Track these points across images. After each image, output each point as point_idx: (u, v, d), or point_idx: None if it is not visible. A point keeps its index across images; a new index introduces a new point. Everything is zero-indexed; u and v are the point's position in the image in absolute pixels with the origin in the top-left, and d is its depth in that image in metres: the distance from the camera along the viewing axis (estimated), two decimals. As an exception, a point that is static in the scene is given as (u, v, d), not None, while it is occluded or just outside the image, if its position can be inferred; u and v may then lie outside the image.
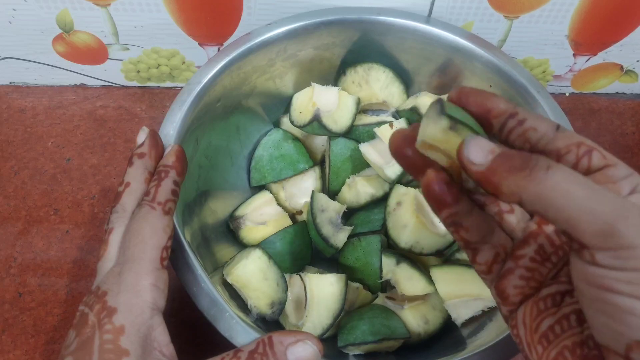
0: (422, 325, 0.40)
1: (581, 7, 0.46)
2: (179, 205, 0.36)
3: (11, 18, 0.46)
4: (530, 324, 0.25)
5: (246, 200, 0.46)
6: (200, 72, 0.40)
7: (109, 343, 0.25)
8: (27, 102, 0.54)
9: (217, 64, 0.40)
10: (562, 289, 0.25)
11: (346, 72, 0.47)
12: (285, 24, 0.42)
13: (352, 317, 0.40)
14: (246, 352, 0.27)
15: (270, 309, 0.38)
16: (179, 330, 0.42)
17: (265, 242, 0.43)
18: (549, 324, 0.24)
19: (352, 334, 0.38)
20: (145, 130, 0.33)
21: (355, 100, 0.44)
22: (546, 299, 0.25)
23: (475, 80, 0.44)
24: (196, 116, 0.39)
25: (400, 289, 0.41)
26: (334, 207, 0.43)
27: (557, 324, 0.24)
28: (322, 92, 0.44)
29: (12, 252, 0.46)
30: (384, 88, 0.47)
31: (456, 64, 0.44)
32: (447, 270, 0.40)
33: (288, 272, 0.41)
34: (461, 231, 0.26)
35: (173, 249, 0.34)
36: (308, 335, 0.27)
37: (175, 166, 0.31)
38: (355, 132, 0.45)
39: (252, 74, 0.43)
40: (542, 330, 0.25)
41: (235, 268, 0.38)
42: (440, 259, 0.43)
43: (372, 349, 0.39)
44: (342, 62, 0.47)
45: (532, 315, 0.25)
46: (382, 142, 0.43)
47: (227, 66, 0.40)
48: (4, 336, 0.42)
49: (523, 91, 0.41)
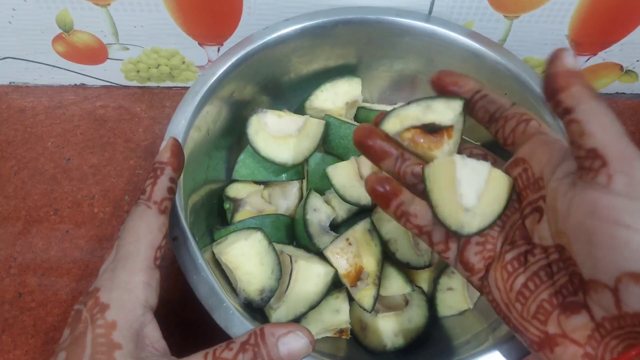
0: (391, 338, 0.40)
1: (581, 7, 0.46)
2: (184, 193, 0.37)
3: (11, 18, 0.46)
4: (504, 286, 0.28)
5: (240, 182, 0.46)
6: (215, 64, 0.40)
7: (102, 337, 0.26)
8: (27, 102, 0.54)
9: (233, 56, 0.41)
10: (523, 250, 0.28)
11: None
12: (303, 20, 0.43)
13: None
14: (238, 343, 0.27)
15: (259, 295, 0.37)
16: (179, 329, 0.42)
17: (256, 219, 0.43)
18: (522, 282, 0.27)
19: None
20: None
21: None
22: (512, 262, 0.28)
23: (488, 85, 0.44)
24: (208, 107, 0.40)
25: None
26: (326, 210, 0.43)
27: (530, 281, 0.27)
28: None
29: (12, 252, 0.46)
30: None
31: (469, 66, 0.45)
32: None
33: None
34: (411, 218, 0.31)
35: (175, 237, 0.34)
36: (300, 327, 0.28)
37: (171, 162, 0.31)
38: (360, 113, 0.48)
39: (266, 68, 0.44)
40: (517, 289, 0.28)
41: (231, 247, 0.37)
42: (407, 277, 0.42)
43: None
44: (357, 62, 0.48)
45: (504, 278, 0.28)
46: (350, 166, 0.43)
47: (242, 60, 0.41)
48: (4, 336, 0.42)
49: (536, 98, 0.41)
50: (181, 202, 0.36)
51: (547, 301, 0.26)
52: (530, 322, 0.27)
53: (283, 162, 0.43)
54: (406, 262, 0.41)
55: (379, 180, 0.31)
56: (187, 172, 0.38)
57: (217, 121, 0.43)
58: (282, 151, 0.43)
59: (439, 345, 0.40)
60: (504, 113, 0.30)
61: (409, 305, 0.41)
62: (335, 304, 0.40)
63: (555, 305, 0.26)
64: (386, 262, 0.41)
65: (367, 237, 0.40)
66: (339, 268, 0.39)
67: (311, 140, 0.44)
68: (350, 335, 0.40)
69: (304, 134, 0.43)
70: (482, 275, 0.30)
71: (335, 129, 0.45)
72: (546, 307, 0.26)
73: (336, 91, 0.47)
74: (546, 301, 0.26)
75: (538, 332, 0.26)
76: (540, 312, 0.26)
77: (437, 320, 0.42)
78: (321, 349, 0.39)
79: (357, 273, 0.39)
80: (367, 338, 0.40)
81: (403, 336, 0.40)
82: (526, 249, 0.28)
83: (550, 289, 0.27)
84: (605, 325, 0.24)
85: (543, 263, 0.27)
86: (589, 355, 0.24)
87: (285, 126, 0.44)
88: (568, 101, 0.24)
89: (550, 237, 0.27)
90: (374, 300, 0.39)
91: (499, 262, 0.29)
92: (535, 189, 0.28)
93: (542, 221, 0.27)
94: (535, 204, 0.28)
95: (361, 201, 0.42)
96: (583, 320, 0.25)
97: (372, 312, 0.39)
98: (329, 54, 0.46)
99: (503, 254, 0.29)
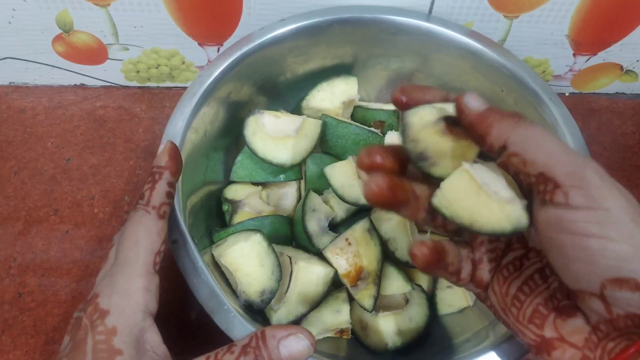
0: (392, 337, 0.40)
1: (581, 6, 0.46)
2: (182, 195, 0.37)
3: (11, 18, 0.46)
4: (500, 291, 0.28)
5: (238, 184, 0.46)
6: (212, 65, 0.40)
7: (102, 343, 0.26)
8: (26, 102, 0.54)
9: (229, 57, 0.41)
10: (519, 254, 0.28)
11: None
12: (299, 20, 0.43)
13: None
14: (239, 346, 0.27)
15: (259, 297, 0.37)
16: (179, 330, 0.42)
17: (255, 220, 0.42)
18: (517, 286, 0.27)
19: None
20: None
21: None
22: (508, 266, 0.28)
23: (486, 84, 0.44)
24: (205, 108, 0.40)
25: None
26: (325, 210, 0.43)
27: (525, 285, 0.27)
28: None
29: (12, 253, 0.46)
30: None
31: (467, 65, 0.45)
32: None
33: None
34: (449, 267, 0.29)
35: (175, 239, 0.34)
36: (301, 329, 0.28)
37: (169, 166, 0.31)
38: (357, 112, 0.48)
39: (263, 68, 0.44)
40: (512, 293, 0.27)
41: (231, 249, 0.37)
42: (407, 276, 0.42)
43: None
44: (354, 61, 0.48)
45: (500, 283, 0.28)
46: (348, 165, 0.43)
47: (239, 60, 0.41)
48: (4, 336, 0.42)
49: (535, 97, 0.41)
50: (180, 204, 0.36)
51: (542, 305, 0.26)
52: (526, 327, 0.27)
53: (281, 163, 0.43)
54: (406, 261, 0.41)
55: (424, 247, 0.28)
56: (186, 174, 0.38)
57: (214, 122, 0.43)
58: (280, 152, 0.43)
59: (440, 344, 0.40)
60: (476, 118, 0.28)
61: (409, 304, 0.41)
62: (336, 304, 0.40)
63: (550, 309, 0.26)
64: (386, 262, 0.41)
65: (366, 236, 0.40)
66: (338, 268, 0.39)
67: (309, 141, 0.44)
68: (351, 335, 0.40)
69: (301, 135, 0.43)
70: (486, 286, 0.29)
71: (332, 128, 0.45)
72: (542, 311, 0.26)
73: (333, 90, 0.47)
74: (542, 305, 0.26)
75: (534, 336, 0.26)
76: (536, 316, 0.26)
77: (438, 318, 0.42)
78: (322, 349, 0.39)
79: (357, 273, 0.39)
80: (368, 338, 0.40)
81: (404, 335, 0.40)
82: (521, 252, 0.28)
83: (545, 292, 0.27)
84: (601, 327, 0.24)
85: (537, 266, 0.27)
86: (587, 358, 0.24)
87: (282, 127, 0.44)
88: (496, 141, 0.24)
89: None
90: (374, 300, 0.39)
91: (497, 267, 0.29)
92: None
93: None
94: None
95: (360, 201, 0.42)
96: (579, 323, 0.25)
97: (372, 312, 0.39)
98: (325, 54, 0.46)
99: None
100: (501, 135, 0.24)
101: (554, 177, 0.23)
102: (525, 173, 0.24)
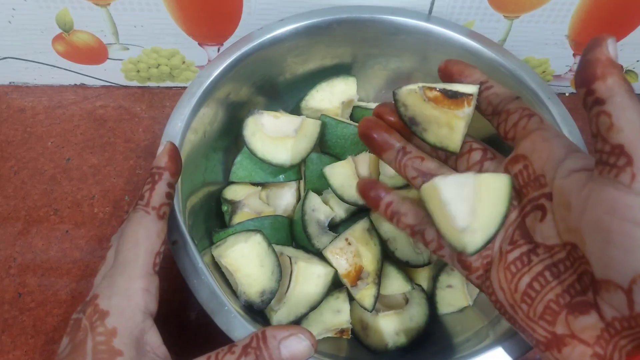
0: (392, 337, 0.40)
1: (581, 7, 0.46)
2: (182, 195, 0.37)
3: (11, 18, 0.46)
4: (508, 287, 0.28)
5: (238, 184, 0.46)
6: (211, 65, 0.40)
7: (102, 344, 0.26)
8: (26, 102, 0.54)
9: (228, 57, 0.41)
10: (526, 250, 0.28)
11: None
12: (298, 20, 0.43)
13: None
14: (240, 347, 0.27)
15: (259, 298, 0.37)
16: (180, 331, 0.42)
17: (255, 221, 0.42)
18: (527, 282, 0.27)
19: None
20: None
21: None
22: (515, 262, 0.28)
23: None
24: (204, 108, 0.40)
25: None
26: (325, 210, 0.43)
27: (535, 281, 0.27)
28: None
29: (12, 252, 0.46)
30: None
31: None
32: None
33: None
34: (402, 218, 0.32)
35: (175, 240, 0.34)
36: (301, 329, 0.27)
37: (169, 167, 0.31)
38: (356, 112, 0.48)
39: (262, 68, 0.44)
40: (522, 289, 0.27)
41: (231, 250, 0.37)
42: (406, 276, 0.42)
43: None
44: (353, 60, 0.48)
45: (507, 279, 0.28)
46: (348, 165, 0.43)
47: (238, 60, 0.41)
48: (4, 336, 0.42)
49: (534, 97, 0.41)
50: (180, 205, 0.36)
51: (554, 301, 0.26)
52: (537, 323, 0.26)
53: (281, 163, 0.43)
54: (405, 261, 0.41)
55: (367, 182, 0.34)
56: (185, 175, 0.38)
57: (213, 123, 0.43)
58: (279, 152, 0.43)
59: (440, 343, 0.40)
60: (507, 106, 0.30)
61: (409, 304, 0.41)
62: (336, 304, 0.40)
63: (562, 305, 0.26)
64: (385, 261, 0.41)
65: (366, 236, 0.40)
66: (338, 268, 0.39)
67: (308, 141, 0.44)
68: (351, 335, 0.40)
69: (301, 135, 0.43)
70: (481, 274, 0.30)
71: (331, 128, 0.45)
72: (553, 307, 0.26)
73: (332, 90, 0.47)
74: (553, 301, 0.26)
75: (545, 333, 0.26)
76: (547, 313, 0.26)
77: (438, 318, 0.43)
78: (323, 349, 0.39)
79: (357, 273, 0.39)
80: (368, 337, 0.40)
81: (404, 335, 0.40)
82: (529, 248, 0.28)
83: (557, 288, 0.26)
84: (615, 325, 0.24)
85: (548, 262, 0.27)
86: (597, 354, 0.24)
87: (282, 127, 0.44)
88: (601, 91, 0.23)
89: (557, 236, 0.27)
90: (374, 300, 0.39)
91: (501, 262, 0.29)
92: (536, 186, 0.28)
93: (545, 220, 0.27)
94: (536, 201, 0.28)
95: (359, 200, 0.42)
96: (592, 321, 0.25)
97: (372, 312, 0.39)
98: (324, 54, 0.46)
99: (505, 254, 0.29)
100: (610, 89, 0.23)
101: (630, 153, 0.22)
102: (603, 138, 0.23)
